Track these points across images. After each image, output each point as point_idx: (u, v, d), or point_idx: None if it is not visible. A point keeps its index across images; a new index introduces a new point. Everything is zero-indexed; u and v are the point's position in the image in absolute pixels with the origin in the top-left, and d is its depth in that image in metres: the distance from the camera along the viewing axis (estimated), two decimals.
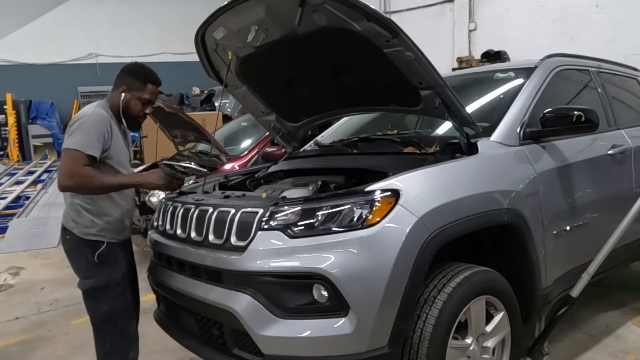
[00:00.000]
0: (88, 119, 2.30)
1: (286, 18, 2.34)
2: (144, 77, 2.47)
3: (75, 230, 2.37)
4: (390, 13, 10.67)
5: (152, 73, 2.50)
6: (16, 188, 8.93)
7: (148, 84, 2.46)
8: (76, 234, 2.37)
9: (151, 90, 2.48)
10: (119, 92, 2.44)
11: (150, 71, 2.50)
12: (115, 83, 2.49)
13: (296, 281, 1.96)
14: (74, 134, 2.26)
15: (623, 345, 3.13)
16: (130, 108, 2.45)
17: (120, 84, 2.46)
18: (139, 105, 2.46)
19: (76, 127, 2.28)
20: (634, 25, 7.46)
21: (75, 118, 2.34)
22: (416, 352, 2.00)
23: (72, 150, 2.23)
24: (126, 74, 2.47)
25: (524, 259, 2.42)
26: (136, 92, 2.45)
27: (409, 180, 2.08)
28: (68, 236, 2.41)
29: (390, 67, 2.33)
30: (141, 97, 2.46)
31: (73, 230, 2.38)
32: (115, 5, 14.33)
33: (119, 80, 2.47)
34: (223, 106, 9.22)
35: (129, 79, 2.45)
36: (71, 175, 2.24)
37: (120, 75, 2.48)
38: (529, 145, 2.58)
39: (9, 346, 3.68)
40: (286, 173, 3.10)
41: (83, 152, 2.23)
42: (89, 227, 2.37)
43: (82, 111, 2.37)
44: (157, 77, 2.51)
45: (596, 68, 3.43)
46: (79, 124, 2.29)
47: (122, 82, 2.45)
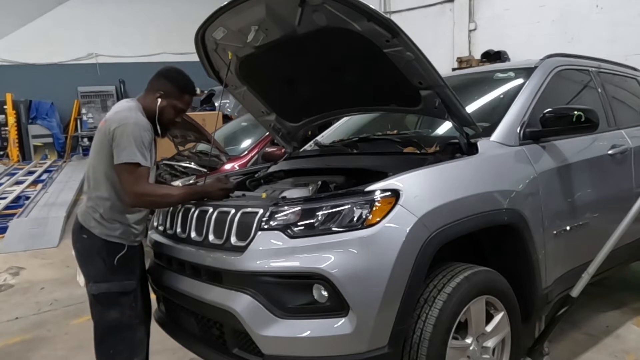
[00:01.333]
0: (136, 127, 2.21)
1: (286, 18, 2.34)
2: (184, 86, 2.41)
3: (97, 230, 2.29)
4: (390, 13, 10.68)
5: (191, 82, 2.45)
6: (16, 188, 8.94)
7: (186, 94, 2.42)
8: (96, 234, 2.29)
9: (187, 101, 2.44)
10: (156, 97, 2.36)
11: (189, 80, 2.44)
12: (150, 85, 2.41)
13: (296, 281, 1.96)
14: (125, 147, 2.17)
15: (623, 345, 3.13)
16: (164, 115, 2.38)
17: (156, 88, 2.38)
18: (173, 114, 2.41)
19: (126, 136, 2.18)
20: (634, 25, 7.46)
21: (117, 123, 2.22)
22: (416, 352, 2.00)
23: (134, 165, 2.17)
24: (164, 79, 2.39)
25: (523, 259, 2.42)
26: (173, 99, 2.38)
27: (409, 180, 2.08)
28: (85, 235, 2.32)
29: (390, 67, 2.33)
30: (176, 106, 2.40)
31: (93, 230, 2.29)
32: (115, 5, 14.35)
33: (156, 84, 2.39)
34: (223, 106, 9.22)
35: (168, 85, 2.37)
36: (141, 195, 2.21)
37: (158, 78, 2.41)
38: (529, 145, 2.58)
39: (9, 346, 3.68)
40: (286, 173, 3.10)
41: (143, 166, 2.19)
42: (112, 229, 2.30)
43: (123, 116, 2.25)
44: (194, 87, 2.47)
45: (596, 68, 3.42)
46: (128, 132, 2.18)
47: (159, 86, 2.37)
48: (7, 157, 13.12)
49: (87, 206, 2.34)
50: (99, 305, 2.33)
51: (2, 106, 13.03)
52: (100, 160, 2.29)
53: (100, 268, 2.30)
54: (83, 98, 14.27)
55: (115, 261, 2.29)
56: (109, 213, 2.30)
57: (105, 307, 2.32)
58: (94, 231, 2.29)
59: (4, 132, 13.19)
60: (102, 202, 2.29)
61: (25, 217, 7.22)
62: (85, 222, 2.32)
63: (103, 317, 2.33)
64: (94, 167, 2.32)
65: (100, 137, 2.29)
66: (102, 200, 2.29)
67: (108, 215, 2.30)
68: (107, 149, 2.23)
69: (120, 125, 2.21)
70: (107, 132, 2.24)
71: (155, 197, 2.28)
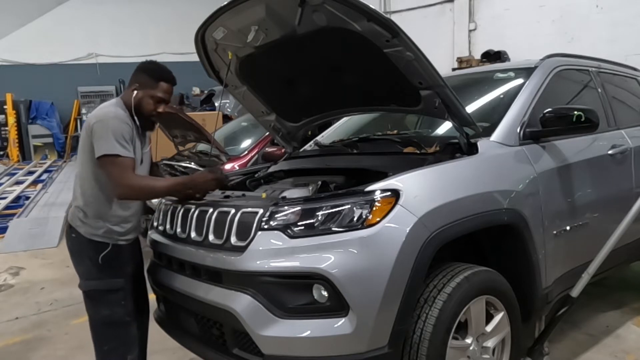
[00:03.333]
0: (114, 120, 2.25)
1: (286, 18, 2.34)
2: (157, 75, 2.41)
3: (82, 229, 2.34)
4: (390, 13, 10.68)
5: (166, 70, 2.44)
6: (16, 188, 8.94)
7: (161, 82, 2.40)
8: (82, 233, 2.34)
9: (164, 89, 2.41)
10: (132, 90, 2.39)
11: (163, 68, 2.44)
12: (129, 81, 2.45)
13: (296, 281, 1.96)
14: (101, 139, 2.21)
15: (623, 345, 3.13)
16: (143, 106, 2.38)
17: (133, 82, 2.41)
18: (152, 104, 2.39)
19: (105, 129, 2.22)
20: (634, 25, 7.46)
21: (95, 118, 2.27)
22: (416, 352, 2.00)
23: (114, 156, 2.20)
24: (139, 72, 2.42)
25: (524, 259, 2.42)
26: (149, 89, 2.38)
27: (409, 180, 2.08)
28: (73, 234, 2.38)
29: (390, 67, 2.33)
30: (153, 95, 2.38)
31: (79, 229, 2.35)
32: (115, 5, 14.35)
33: (133, 78, 2.42)
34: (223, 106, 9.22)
35: (142, 77, 2.40)
36: (128, 186, 2.22)
37: (134, 72, 2.43)
38: (529, 145, 2.58)
39: (9, 346, 3.68)
40: (286, 173, 3.10)
41: (125, 157, 2.21)
42: (96, 228, 2.33)
43: (102, 112, 2.31)
44: (171, 75, 2.45)
45: (596, 68, 3.42)
46: (106, 126, 2.23)
47: (136, 80, 2.40)
48: (7, 157, 13.12)
49: (74, 206, 2.39)
50: (90, 302, 2.40)
51: (2, 106, 13.03)
52: (84, 159, 2.33)
53: (87, 266, 2.36)
54: (83, 98, 14.27)
55: (99, 259, 2.32)
56: (92, 211, 2.33)
57: (95, 304, 2.38)
58: (80, 230, 2.34)
59: (4, 132, 13.19)
60: (87, 201, 2.34)
61: (25, 217, 7.22)
62: (73, 221, 2.37)
63: (94, 313, 2.40)
64: (81, 165, 2.38)
65: (83, 135, 2.33)
66: (86, 198, 2.34)
67: (92, 214, 2.33)
68: (89, 145, 2.27)
69: (98, 120, 2.26)
70: (87, 129, 2.29)
71: (143, 187, 2.29)
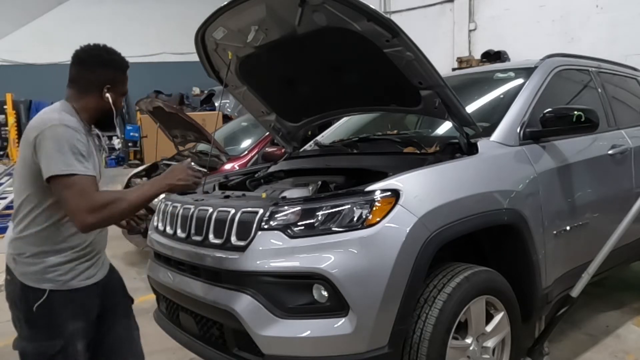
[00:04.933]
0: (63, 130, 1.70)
1: (286, 18, 2.34)
2: (124, 65, 1.95)
3: (16, 270, 1.79)
4: (390, 13, 10.68)
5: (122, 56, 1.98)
6: None
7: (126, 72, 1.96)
8: (17, 276, 1.79)
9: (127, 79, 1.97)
10: (102, 93, 1.87)
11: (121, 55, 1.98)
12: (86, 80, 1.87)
13: (296, 281, 1.96)
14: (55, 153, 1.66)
15: (623, 345, 3.12)
16: (117, 107, 1.92)
17: (98, 80, 1.86)
18: (121, 101, 1.96)
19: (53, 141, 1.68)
20: (634, 25, 7.46)
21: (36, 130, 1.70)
22: (416, 352, 2.00)
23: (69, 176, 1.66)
24: (103, 68, 1.88)
25: (524, 259, 2.42)
26: (120, 86, 1.92)
27: (409, 180, 2.08)
28: (9, 276, 1.83)
29: (390, 67, 2.33)
30: (124, 92, 1.95)
31: (13, 270, 1.80)
32: (115, 5, 14.35)
33: (94, 76, 1.86)
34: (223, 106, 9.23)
35: (109, 73, 1.89)
36: (92, 209, 1.66)
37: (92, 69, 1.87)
38: (529, 145, 2.58)
39: (9, 346, 3.66)
40: (286, 173, 3.10)
41: (83, 175, 1.68)
42: (28, 267, 1.77)
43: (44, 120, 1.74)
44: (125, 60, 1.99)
45: (596, 68, 3.43)
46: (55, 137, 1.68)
47: (102, 78, 1.86)
48: (7, 157, 13.11)
49: (10, 239, 1.84)
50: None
51: (2, 106, 13.02)
52: (24, 183, 1.79)
53: (19, 320, 1.81)
54: None
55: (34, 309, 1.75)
56: (28, 246, 1.78)
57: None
58: (15, 273, 1.79)
59: (4, 132, 13.19)
60: (23, 232, 1.79)
61: None
62: (8, 260, 1.83)
63: None
64: (18, 192, 1.82)
65: (21, 153, 1.78)
66: (22, 229, 1.79)
67: (26, 249, 1.78)
68: (31, 166, 1.73)
69: (41, 132, 1.69)
70: (26, 143, 1.73)
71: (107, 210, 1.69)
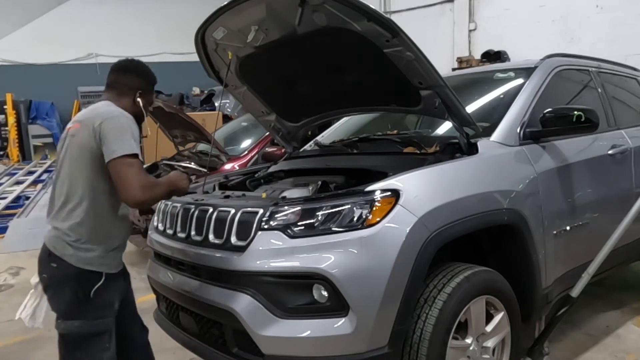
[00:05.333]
0: (125, 119, 1.98)
1: (286, 18, 2.34)
2: (153, 80, 2.22)
3: (72, 258, 1.94)
4: (390, 13, 10.67)
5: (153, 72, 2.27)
6: (16, 188, 8.94)
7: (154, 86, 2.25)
8: (70, 261, 1.94)
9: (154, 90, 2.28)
10: (135, 98, 2.13)
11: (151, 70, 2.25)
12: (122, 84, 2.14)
13: (296, 281, 1.96)
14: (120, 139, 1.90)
15: (623, 345, 3.12)
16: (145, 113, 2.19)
17: (132, 86, 2.13)
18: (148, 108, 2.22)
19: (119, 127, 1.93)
20: (634, 25, 7.46)
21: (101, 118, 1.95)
22: (416, 352, 2.00)
23: (132, 156, 1.89)
24: (136, 76, 2.16)
25: (524, 259, 2.42)
26: (148, 95, 2.20)
27: (409, 180, 2.08)
28: (54, 264, 1.96)
29: (390, 67, 2.33)
30: (151, 100, 2.23)
31: (67, 257, 1.94)
32: (115, 5, 14.34)
33: (129, 82, 2.13)
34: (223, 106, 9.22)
35: (142, 82, 2.16)
36: (147, 187, 1.90)
37: (128, 76, 2.15)
38: (529, 145, 2.58)
39: (9, 346, 3.68)
40: (286, 173, 3.10)
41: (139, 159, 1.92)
42: (92, 255, 1.96)
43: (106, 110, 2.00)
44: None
45: (596, 68, 3.43)
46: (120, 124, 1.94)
47: (135, 85, 2.14)
48: (7, 157, 13.10)
49: (58, 229, 1.98)
50: (65, 347, 2.01)
51: (2, 106, 13.01)
52: (80, 168, 1.97)
53: (70, 302, 1.96)
54: (83, 98, 14.23)
55: (91, 294, 1.95)
56: (88, 232, 1.96)
57: (72, 350, 1.99)
58: (68, 259, 1.95)
59: (4, 132, 13.17)
60: (81, 221, 1.96)
61: (25, 217, 7.21)
62: (56, 248, 1.96)
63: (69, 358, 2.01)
64: (70, 178, 1.99)
65: (78, 141, 1.98)
66: (80, 218, 1.95)
67: (87, 236, 1.96)
68: (91, 150, 1.94)
69: (106, 119, 1.94)
70: (88, 131, 1.94)
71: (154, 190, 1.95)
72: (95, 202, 1.97)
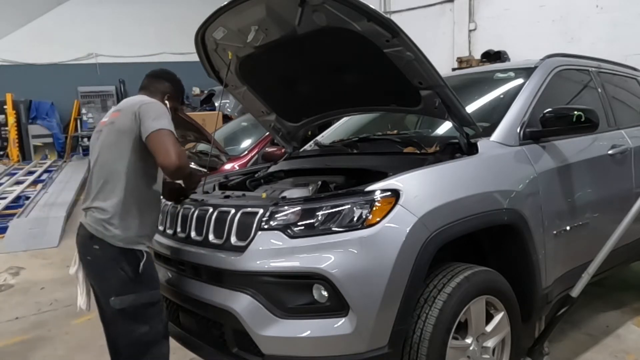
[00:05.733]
0: (162, 106, 2.22)
1: (286, 18, 2.34)
2: (182, 88, 2.50)
3: (115, 238, 2.09)
4: (390, 13, 10.67)
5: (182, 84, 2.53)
6: (16, 188, 8.93)
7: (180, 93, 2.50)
8: (113, 243, 2.09)
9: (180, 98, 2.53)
10: (164, 98, 2.36)
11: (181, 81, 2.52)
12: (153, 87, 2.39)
13: (296, 281, 1.96)
14: (159, 117, 2.11)
15: (623, 345, 3.13)
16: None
17: (161, 90, 2.39)
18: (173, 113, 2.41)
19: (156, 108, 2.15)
20: (634, 25, 7.46)
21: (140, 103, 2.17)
22: (416, 352, 2.00)
23: (170, 131, 2.09)
24: (167, 82, 2.42)
25: (524, 259, 2.42)
26: (175, 102, 2.43)
27: (409, 180, 2.08)
28: (97, 246, 2.11)
29: (390, 67, 2.33)
30: (177, 106, 2.46)
31: (109, 239, 2.09)
32: (115, 5, 14.33)
33: (160, 86, 2.40)
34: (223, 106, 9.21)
35: (172, 88, 2.42)
36: (180, 157, 2.06)
37: (159, 81, 2.41)
38: (529, 145, 2.58)
39: (9, 346, 3.68)
40: (286, 173, 3.10)
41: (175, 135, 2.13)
42: (134, 233, 2.12)
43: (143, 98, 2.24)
44: None
45: (596, 68, 3.43)
46: (157, 106, 2.17)
47: (164, 89, 2.40)
48: (7, 157, 13.10)
49: (98, 208, 2.13)
50: (124, 321, 2.12)
51: (2, 106, 13.00)
52: (120, 149, 2.14)
53: (121, 280, 2.10)
54: (83, 98, 14.25)
55: (139, 269, 2.11)
56: (128, 216, 2.12)
57: (131, 322, 2.12)
58: (110, 240, 2.10)
59: (4, 132, 13.17)
60: (120, 200, 2.12)
61: (25, 217, 7.21)
62: (98, 231, 2.11)
63: (129, 332, 2.13)
64: (109, 163, 2.16)
65: (118, 126, 2.17)
66: (119, 197, 2.12)
67: (129, 215, 2.12)
68: (130, 135, 2.13)
69: (145, 103, 2.17)
70: (129, 116, 2.14)
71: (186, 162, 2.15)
72: (133, 182, 2.14)
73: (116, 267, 2.10)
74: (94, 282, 2.21)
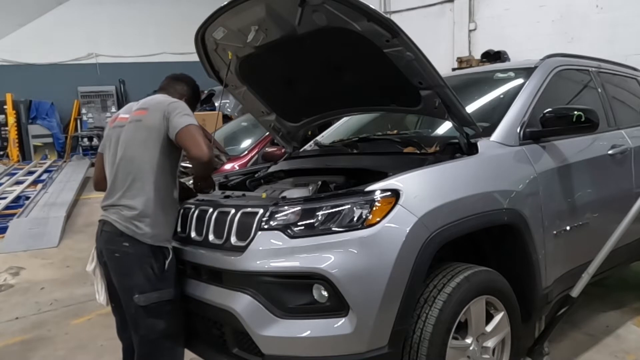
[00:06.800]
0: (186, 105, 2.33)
1: (286, 18, 2.34)
2: (199, 92, 2.62)
3: (145, 236, 2.16)
4: (390, 13, 10.67)
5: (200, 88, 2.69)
6: (16, 188, 8.93)
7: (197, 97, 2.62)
8: (144, 240, 2.16)
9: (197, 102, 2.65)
10: (182, 100, 2.41)
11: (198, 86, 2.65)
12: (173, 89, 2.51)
13: (296, 281, 1.96)
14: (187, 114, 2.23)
15: (623, 345, 3.13)
16: None
17: (180, 92, 2.50)
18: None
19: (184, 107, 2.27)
20: (634, 25, 7.46)
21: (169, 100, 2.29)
22: (416, 352, 2.00)
23: (198, 126, 2.21)
24: (186, 85, 2.55)
25: (524, 259, 2.42)
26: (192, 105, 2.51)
27: (409, 180, 2.08)
28: (127, 243, 2.16)
29: (390, 67, 2.33)
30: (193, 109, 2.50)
31: (138, 236, 2.15)
32: (115, 5, 14.34)
33: (179, 88, 2.52)
34: (223, 106, 9.20)
35: (190, 92, 2.55)
36: (209, 147, 2.17)
37: (179, 83, 2.54)
38: (529, 145, 2.58)
39: (9, 346, 3.68)
40: (286, 173, 3.10)
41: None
42: (162, 231, 2.20)
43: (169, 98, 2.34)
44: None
45: (596, 68, 3.42)
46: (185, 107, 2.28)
47: (183, 91, 2.52)
48: (7, 157, 13.11)
49: (127, 208, 2.19)
50: (150, 317, 2.17)
51: (2, 106, 13.02)
52: (149, 147, 2.22)
53: (148, 277, 2.16)
54: (83, 98, 14.26)
55: (165, 267, 2.18)
56: (157, 213, 2.19)
57: (156, 319, 2.18)
58: (141, 238, 2.16)
59: (4, 132, 13.18)
60: (150, 198, 2.19)
61: (25, 217, 7.21)
62: (129, 228, 2.17)
63: (151, 329, 2.19)
64: (137, 160, 2.23)
65: (146, 124, 2.24)
66: (149, 195, 2.19)
67: (156, 217, 2.19)
68: (159, 132, 2.21)
69: (173, 102, 2.28)
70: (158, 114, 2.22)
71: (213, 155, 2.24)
72: (161, 180, 2.22)
73: (144, 264, 2.16)
74: (118, 279, 2.23)
